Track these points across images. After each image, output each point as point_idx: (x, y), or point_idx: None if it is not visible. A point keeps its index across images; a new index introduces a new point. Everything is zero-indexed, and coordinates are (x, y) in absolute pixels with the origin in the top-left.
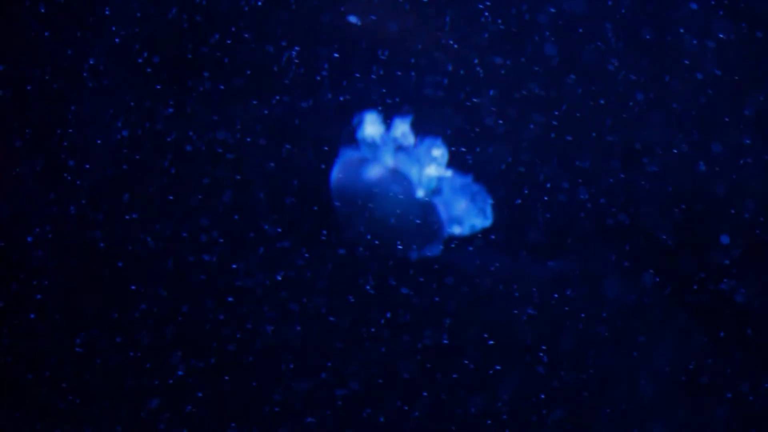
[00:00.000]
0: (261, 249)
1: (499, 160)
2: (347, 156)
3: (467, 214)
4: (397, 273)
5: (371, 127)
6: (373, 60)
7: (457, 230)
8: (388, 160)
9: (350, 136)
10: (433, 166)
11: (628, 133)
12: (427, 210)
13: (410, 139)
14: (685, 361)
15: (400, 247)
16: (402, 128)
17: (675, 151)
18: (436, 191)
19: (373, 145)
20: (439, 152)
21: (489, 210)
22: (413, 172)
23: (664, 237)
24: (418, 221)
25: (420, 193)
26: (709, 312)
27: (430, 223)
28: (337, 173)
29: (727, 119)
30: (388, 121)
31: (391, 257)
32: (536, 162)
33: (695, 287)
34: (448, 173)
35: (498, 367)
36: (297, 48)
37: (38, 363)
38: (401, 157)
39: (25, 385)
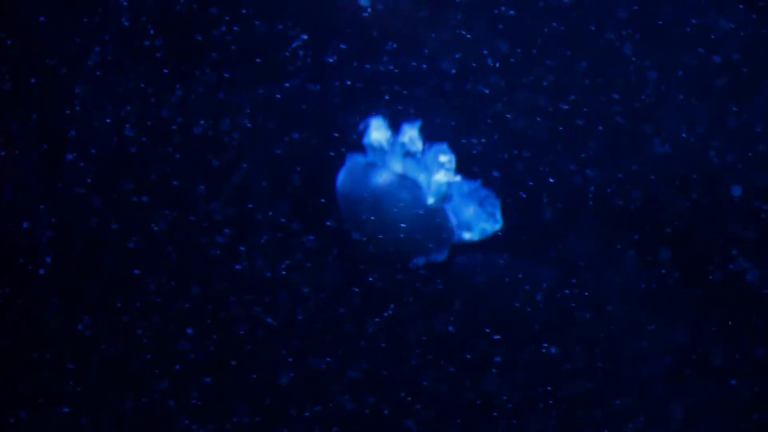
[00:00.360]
0: (265, 236)
1: (506, 151)
2: (354, 161)
3: (476, 218)
4: (402, 263)
5: (378, 132)
6: (382, 49)
7: (467, 236)
8: (396, 165)
9: (356, 141)
10: (441, 172)
11: (639, 121)
12: (435, 216)
13: (418, 145)
14: (694, 348)
15: (407, 252)
16: (410, 133)
17: (684, 135)
18: (446, 197)
19: (380, 151)
20: (447, 158)
21: (498, 214)
22: (422, 178)
23: (669, 230)
24: (427, 227)
25: (430, 200)
26: (720, 297)
27: (439, 229)
28: (343, 179)
29: (736, 108)
30: (396, 115)
31: (399, 262)
32: (544, 152)
33: (709, 277)
34: (457, 178)
35: (501, 359)
36: (304, 36)
37: (42, 347)
38: (409, 163)
39: (29, 369)
